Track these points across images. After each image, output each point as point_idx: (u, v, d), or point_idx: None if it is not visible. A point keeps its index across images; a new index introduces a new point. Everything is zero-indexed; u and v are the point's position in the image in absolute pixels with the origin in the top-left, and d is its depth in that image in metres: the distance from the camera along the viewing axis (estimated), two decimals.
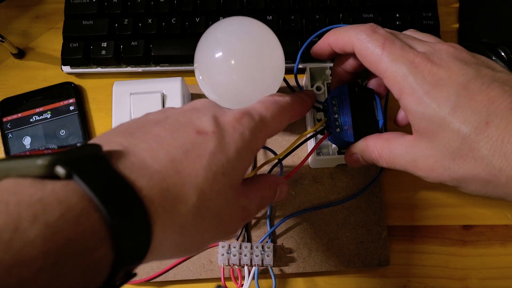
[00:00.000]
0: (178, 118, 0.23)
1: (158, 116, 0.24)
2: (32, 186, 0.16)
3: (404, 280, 0.39)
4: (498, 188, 0.24)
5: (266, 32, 0.30)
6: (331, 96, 0.33)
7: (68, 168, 0.17)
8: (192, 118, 0.23)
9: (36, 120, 0.42)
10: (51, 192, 0.16)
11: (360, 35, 0.28)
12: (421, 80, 0.25)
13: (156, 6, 0.43)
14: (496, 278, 0.39)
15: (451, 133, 0.24)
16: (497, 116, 0.23)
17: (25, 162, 0.17)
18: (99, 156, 0.19)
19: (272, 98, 0.27)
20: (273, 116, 0.26)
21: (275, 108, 0.26)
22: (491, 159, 0.23)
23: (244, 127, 0.23)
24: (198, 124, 0.23)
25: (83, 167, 0.17)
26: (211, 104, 0.25)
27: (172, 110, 0.25)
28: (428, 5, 0.44)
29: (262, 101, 0.26)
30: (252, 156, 0.24)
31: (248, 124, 0.24)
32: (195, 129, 0.22)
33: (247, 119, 0.24)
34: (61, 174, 0.17)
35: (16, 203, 0.15)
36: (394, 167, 0.28)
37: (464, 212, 0.41)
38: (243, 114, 0.24)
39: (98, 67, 0.43)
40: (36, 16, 0.47)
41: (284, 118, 0.27)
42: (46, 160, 0.17)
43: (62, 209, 0.16)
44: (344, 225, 0.39)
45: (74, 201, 0.16)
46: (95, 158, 0.18)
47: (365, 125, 0.32)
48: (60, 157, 0.17)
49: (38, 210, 0.15)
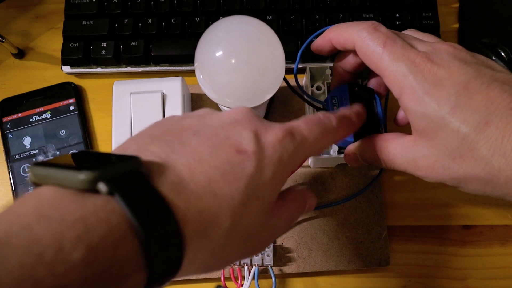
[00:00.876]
0: (217, 131, 0.22)
1: (196, 123, 0.23)
2: (72, 200, 0.16)
3: (404, 280, 0.39)
4: (497, 188, 0.24)
5: (267, 31, 0.30)
6: (331, 95, 0.33)
7: (109, 186, 0.16)
8: (232, 133, 0.22)
9: (36, 120, 0.42)
10: (92, 210, 0.16)
11: (362, 32, 0.28)
12: (421, 79, 0.25)
13: (156, 6, 0.43)
14: (496, 278, 0.39)
15: (451, 132, 0.24)
16: (496, 116, 0.23)
17: (67, 173, 0.17)
18: (139, 172, 0.18)
19: (318, 118, 0.26)
20: (315, 139, 0.24)
21: (318, 131, 0.25)
22: (491, 158, 0.23)
23: (284, 149, 0.22)
24: (238, 140, 0.22)
25: (124, 185, 0.17)
26: (251, 115, 0.24)
27: (211, 118, 0.24)
28: (428, 5, 0.44)
29: (307, 121, 0.25)
30: (286, 177, 0.24)
31: (288, 147, 0.23)
32: (235, 147, 0.21)
33: (288, 141, 0.23)
34: (103, 191, 0.16)
35: (59, 220, 0.15)
36: (393, 168, 0.28)
37: (464, 212, 0.41)
38: (285, 134, 0.23)
39: (98, 67, 0.43)
40: (36, 16, 0.47)
41: (326, 142, 0.26)
42: (89, 176, 0.16)
43: (104, 231, 0.15)
44: (344, 225, 0.39)
45: (114, 223, 0.16)
46: (136, 175, 0.18)
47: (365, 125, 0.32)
48: (102, 173, 0.17)
49: (80, 230, 0.15)
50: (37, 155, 0.41)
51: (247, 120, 0.23)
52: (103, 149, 0.42)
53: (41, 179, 0.17)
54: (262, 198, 0.21)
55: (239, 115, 0.24)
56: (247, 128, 0.22)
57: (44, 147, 0.41)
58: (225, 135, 0.22)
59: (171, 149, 0.21)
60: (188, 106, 0.41)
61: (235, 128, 0.22)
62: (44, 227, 0.15)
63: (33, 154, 0.41)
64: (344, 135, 0.28)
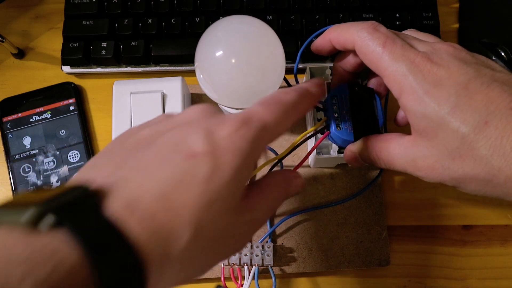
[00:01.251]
0: (169, 138, 0.21)
1: (150, 134, 0.22)
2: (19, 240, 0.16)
3: (404, 280, 0.39)
4: (497, 188, 0.24)
5: (267, 30, 0.30)
6: (331, 95, 0.33)
7: (55, 220, 0.16)
8: (182, 137, 0.21)
9: (36, 120, 0.42)
10: (40, 247, 0.15)
11: (362, 32, 0.28)
12: (421, 79, 0.25)
13: (156, 6, 0.43)
14: (496, 278, 0.39)
15: (451, 132, 0.24)
16: (496, 116, 0.23)
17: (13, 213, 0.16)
18: (87, 200, 0.18)
19: (274, 97, 0.24)
20: (276, 120, 0.22)
21: (279, 110, 0.23)
22: (490, 158, 0.23)
23: (243, 139, 0.21)
24: (189, 144, 0.20)
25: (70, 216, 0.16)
26: (205, 113, 0.23)
27: (165, 123, 0.23)
28: (428, 5, 0.44)
29: (264, 103, 0.23)
30: (252, 169, 0.22)
31: (247, 135, 0.21)
32: (186, 152, 0.20)
33: (246, 129, 0.21)
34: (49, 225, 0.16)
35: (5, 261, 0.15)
36: (393, 168, 0.28)
37: (464, 212, 0.41)
38: (242, 123, 0.21)
39: (98, 67, 0.43)
40: (36, 16, 0.47)
41: (289, 120, 0.24)
42: (34, 211, 0.16)
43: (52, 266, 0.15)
44: (344, 225, 0.39)
45: (63, 256, 0.15)
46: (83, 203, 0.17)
47: (365, 125, 0.32)
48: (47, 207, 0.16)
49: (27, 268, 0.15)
50: (37, 155, 0.41)
51: (199, 120, 0.22)
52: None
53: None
54: (225, 198, 0.20)
55: (191, 115, 0.23)
56: (198, 128, 0.21)
57: (44, 147, 0.41)
58: (176, 141, 0.21)
59: (123, 168, 0.20)
60: (188, 106, 0.41)
61: (187, 130, 0.21)
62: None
63: (33, 154, 0.41)
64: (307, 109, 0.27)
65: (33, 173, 0.41)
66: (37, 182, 0.40)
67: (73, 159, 0.41)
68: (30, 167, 0.41)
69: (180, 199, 0.19)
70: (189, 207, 0.19)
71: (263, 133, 0.22)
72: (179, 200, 0.19)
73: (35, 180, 0.40)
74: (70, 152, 0.41)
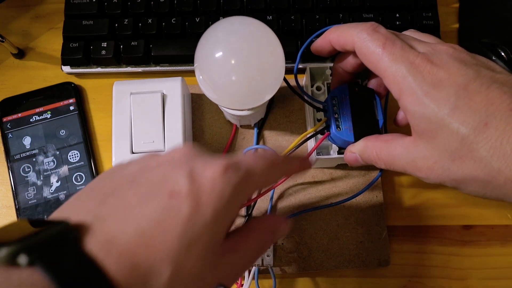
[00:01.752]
0: (153, 175, 0.21)
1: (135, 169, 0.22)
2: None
3: (404, 280, 0.39)
4: (497, 189, 0.24)
5: (266, 31, 0.30)
6: (331, 95, 0.33)
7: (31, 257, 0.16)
8: (166, 176, 0.21)
9: (36, 120, 0.42)
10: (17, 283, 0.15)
11: (361, 34, 0.28)
12: (420, 80, 0.25)
13: (156, 6, 0.43)
14: (496, 278, 0.39)
15: (450, 134, 0.24)
16: (496, 117, 0.23)
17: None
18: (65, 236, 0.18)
19: (264, 153, 0.25)
20: (262, 170, 0.23)
21: (265, 163, 0.23)
22: (490, 160, 0.23)
23: (225, 182, 0.21)
24: (172, 184, 0.20)
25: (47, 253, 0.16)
26: (191, 153, 0.23)
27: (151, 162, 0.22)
28: (428, 5, 0.44)
29: (251, 154, 0.24)
30: (234, 213, 0.22)
31: (231, 179, 0.21)
32: (168, 191, 0.20)
33: (230, 173, 0.21)
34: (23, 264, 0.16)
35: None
36: (393, 169, 0.28)
37: (464, 212, 0.41)
38: (227, 167, 0.21)
39: (98, 67, 0.43)
40: (36, 16, 0.47)
41: (274, 174, 0.25)
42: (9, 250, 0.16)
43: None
44: (344, 225, 0.39)
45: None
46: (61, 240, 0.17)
47: (365, 125, 0.32)
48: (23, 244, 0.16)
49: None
50: (37, 155, 0.41)
51: (184, 159, 0.22)
52: (103, 149, 0.42)
53: None
54: (204, 240, 0.20)
55: (176, 156, 0.23)
56: (182, 168, 0.21)
57: (44, 147, 0.41)
58: (159, 179, 0.21)
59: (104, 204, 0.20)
60: (188, 106, 0.41)
61: (172, 169, 0.21)
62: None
63: (33, 154, 0.41)
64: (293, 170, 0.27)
65: (33, 173, 0.41)
66: (37, 182, 0.40)
67: (73, 159, 0.41)
68: (30, 167, 0.41)
69: (159, 237, 0.19)
70: (168, 246, 0.19)
71: (248, 180, 0.22)
72: (158, 239, 0.19)
73: (35, 180, 0.40)
74: (70, 152, 0.41)
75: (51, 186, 0.40)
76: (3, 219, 0.40)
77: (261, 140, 0.41)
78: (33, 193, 0.40)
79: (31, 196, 0.40)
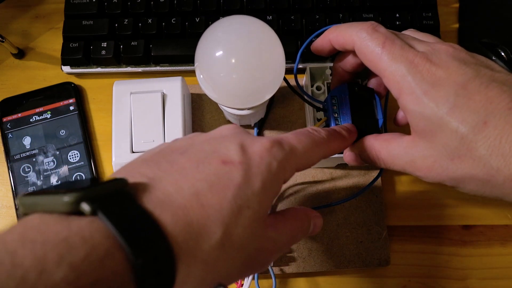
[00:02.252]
0: (204, 146, 0.23)
1: (184, 143, 0.23)
2: (57, 223, 0.16)
3: (404, 280, 0.39)
4: (495, 188, 0.24)
5: (267, 30, 0.30)
6: (331, 95, 0.33)
7: (93, 205, 0.17)
8: (218, 147, 0.22)
9: (36, 120, 0.42)
10: (77, 230, 0.16)
11: (361, 33, 0.28)
12: (419, 79, 0.25)
13: (156, 6, 0.43)
14: (496, 278, 0.39)
15: (449, 133, 0.24)
16: (495, 116, 0.23)
17: (52, 198, 0.17)
18: (124, 191, 0.18)
19: (307, 131, 0.26)
20: (304, 149, 0.24)
21: (308, 142, 0.25)
22: (489, 159, 0.23)
23: (272, 157, 0.22)
24: (224, 153, 0.22)
25: (108, 204, 0.17)
26: (239, 130, 0.24)
27: (199, 137, 0.24)
28: (428, 5, 0.44)
29: (296, 132, 0.25)
30: (279, 188, 0.23)
31: (277, 155, 0.23)
32: (221, 158, 0.21)
33: (276, 149, 0.23)
34: (86, 211, 0.17)
35: (42, 242, 0.15)
36: (392, 168, 0.28)
37: (464, 212, 0.41)
38: (273, 144, 0.23)
39: (98, 67, 0.43)
40: (36, 16, 0.47)
41: (317, 153, 0.26)
42: (72, 197, 0.17)
43: (87, 249, 0.15)
44: (344, 225, 0.39)
45: (98, 240, 0.16)
46: (120, 194, 0.18)
47: (364, 125, 0.32)
48: (86, 193, 0.17)
49: (63, 250, 0.15)
50: (37, 155, 0.41)
51: (234, 134, 0.24)
52: (103, 149, 0.42)
53: (28, 209, 0.17)
54: (253, 207, 0.21)
55: (225, 131, 0.24)
56: (233, 141, 0.23)
57: (44, 147, 0.41)
58: (211, 149, 0.22)
59: (158, 168, 0.21)
60: (188, 106, 0.41)
61: (222, 142, 0.23)
62: (28, 250, 0.15)
63: (33, 154, 0.41)
64: (336, 149, 0.28)
65: (33, 173, 0.41)
66: (37, 182, 0.40)
67: (73, 159, 0.41)
68: (30, 167, 0.41)
69: (212, 199, 0.20)
70: (221, 208, 0.20)
71: (291, 157, 0.24)
72: (211, 200, 0.20)
73: (35, 180, 0.40)
74: (70, 152, 0.41)
75: (51, 186, 0.40)
76: (3, 219, 0.40)
77: None
78: None
79: None
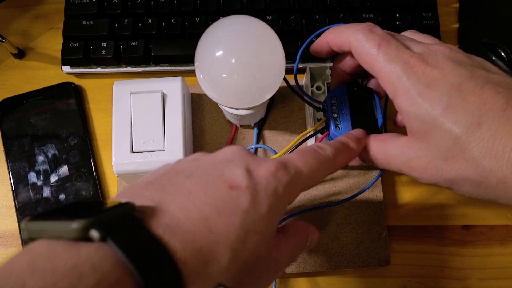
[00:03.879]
0: (209, 170, 0.22)
1: (189, 166, 0.23)
2: (66, 250, 0.16)
3: (404, 280, 0.39)
4: (489, 190, 0.24)
5: (267, 30, 0.30)
6: (330, 95, 0.33)
7: (102, 232, 0.16)
8: (224, 171, 0.22)
9: (36, 120, 0.42)
10: (86, 258, 0.16)
11: (357, 34, 0.28)
12: (414, 80, 0.25)
13: (156, 6, 0.43)
14: (496, 278, 0.39)
15: (443, 133, 0.24)
16: (489, 117, 0.23)
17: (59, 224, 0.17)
18: (132, 216, 0.18)
19: (313, 150, 0.26)
20: (310, 171, 0.24)
21: (313, 163, 0.25)
22: (482, 160, 0.23)
23: (278, 182, 0.22)
24: (230, 177, 0.22)
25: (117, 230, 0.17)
26: (244, 153, 0.24)
27: (204, 160, 0.24)
28: (428, 5, 0.44)
29: (301, 153, 0.25)
30: (284, 210, 0.24)
31: (283, 179, 0.23)
32: (228, 183, 0.21)
33: (281, 173, 0.23)
34: (95, 238, 0.16)
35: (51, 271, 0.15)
36: (389, 168, 0.28)
37: (464, 212, 0.41)
38: (278, 167, 0.23)
39: (98, 67, 0.43)
40: (36, 16, 0.47)
41: (322, 173, 0.26)
42: (81, 224, 0.16)
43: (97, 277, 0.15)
44: (344, 225, 0.39)
45: (108, 268, 0.16)
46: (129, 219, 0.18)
47: (364, 125, 0.32)
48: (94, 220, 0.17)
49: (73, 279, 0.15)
50: (37, 155, 0.41)
51: (239, 158, 0.24)
52: (103, 149, 0.42)
53: (34, 234, 0.17)
54: (260, 232, 0.21)
55: (230, 154, 0.24)
56: (239, 165, 0.23)
57: (44, 147, 0.41)
58: (217, 173, 0.22)
59: (165, 192, 0.21)
60: (188, 106, 0.41)
61: (228, 166, 0.23)
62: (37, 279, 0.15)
63: (33, 154, 0.41)
64: (344, 163, 0.28)
65: (33, 173, 0.41)
66: (37, 182, 0.40)
67: (73, 159, 0.41)
68: (30, 167, 0.41)
69: (220, 225, 0.20)
70: (228, 233, 0.20)
71: (296, 180, 0.24)
72: (219, 226, 0.20)
73: (35, 180, 0.40)
74: (70, 152, 0.41)
75: (51, 186, 0.40)
76: (3, 219, 0.40)
77: (261, 140, 0.41)
78: (33, 193, 0.40)
79: (31, 196, 0.40)
